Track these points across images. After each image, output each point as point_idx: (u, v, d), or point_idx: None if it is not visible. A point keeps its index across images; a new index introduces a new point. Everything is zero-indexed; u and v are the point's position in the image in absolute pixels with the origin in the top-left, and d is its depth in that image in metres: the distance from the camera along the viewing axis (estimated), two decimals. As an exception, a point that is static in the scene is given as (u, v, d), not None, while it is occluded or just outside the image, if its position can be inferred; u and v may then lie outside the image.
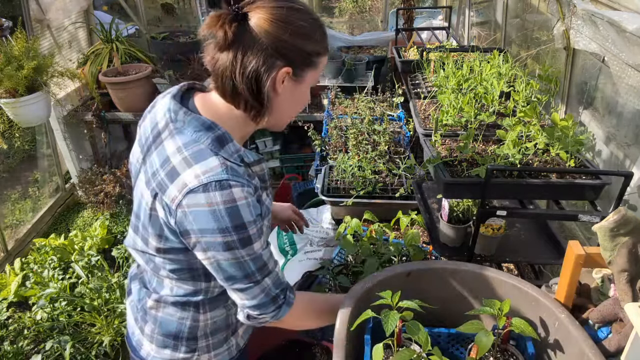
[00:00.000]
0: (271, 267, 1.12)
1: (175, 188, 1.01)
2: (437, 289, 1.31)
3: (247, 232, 1.02)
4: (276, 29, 0.98)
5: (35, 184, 3.97)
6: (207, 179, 0.99)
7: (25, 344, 2.67)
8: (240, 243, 1.03)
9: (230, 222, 1.00)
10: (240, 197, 1.00)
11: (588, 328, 1.15)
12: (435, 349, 1.09)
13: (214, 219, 0.99)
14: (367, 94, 3.00)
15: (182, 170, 1.01)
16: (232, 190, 0.99)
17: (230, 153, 1.05)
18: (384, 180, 2.25)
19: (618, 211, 1.06)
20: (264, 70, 1.00)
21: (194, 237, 1.03)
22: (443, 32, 3.57)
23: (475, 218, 1.50)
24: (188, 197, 0.99)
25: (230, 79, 1.02)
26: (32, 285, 2.98)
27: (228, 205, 0.99)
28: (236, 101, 1.06)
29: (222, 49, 1.00)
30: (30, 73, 2.97)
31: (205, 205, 0.98)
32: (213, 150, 1.03)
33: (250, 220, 1.02)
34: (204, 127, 1.05)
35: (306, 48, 1.03)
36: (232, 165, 1.03)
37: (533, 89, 1.79)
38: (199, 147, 1.03)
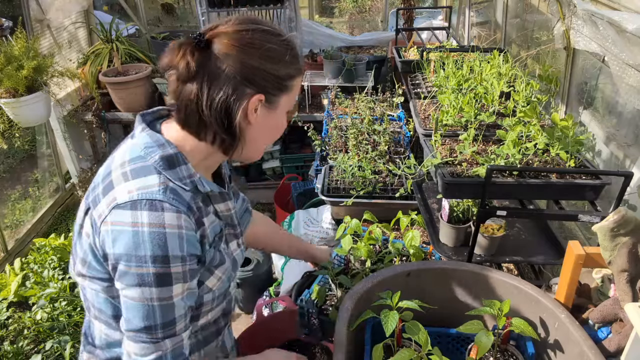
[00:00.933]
0: (179, 329, 0.94)
1: (105, 203, 0.91)
2: (437, 289, 1.31)
3: (167, 268, 0.88)
4: (243, 55, 0.90)
5: (35, 184, 3.97)
6: (138, 195, 0.89)
7: (25, 344, 2.67)
8: (154, 280, 0.88)
9: (151, 250, 0.87)
10: (171, 223, 0.88)
11: (588, 328, 1.15)
12: (435, 349, 1.09)
13: (134, 242, 0.87)
14: (367, 94, 3.00)
15: (117, 184, 0.92)
16: (163, 213, 0.88)
17: (179, 176, 0.95)
18: (384, 180, 2.25)
19: (618, 211, 1.06)
20: (234, 100, 0.92)
21: (111, 262, 0.91)
22: (443, 32, 3.57)
23: (475, 218, 1.50)
24: (113, 213, 0.89)
25: (196, 112, 0.93)
26: (32, 285, 2.97)
27: (154, 228, 0.87)
28: (202, 134, 0.97)
29: (186, 80, 0.92)
30: (30, 73, 2.97)
31: (129, 225, 0.87)
32: (157, 168, 0.93)
33: (177, 255, 0.89)
34: (155, 144, 0.95)
35: (277, 72, 0.94)
36: (174, 188, 0.92)
37: (533, 89, 1.79)
38: (143, 163, 0.93)
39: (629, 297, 1.06)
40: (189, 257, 0.92)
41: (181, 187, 0.94)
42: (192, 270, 0.94)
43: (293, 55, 0.97)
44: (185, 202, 0.93)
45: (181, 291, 0.92)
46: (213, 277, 1.03)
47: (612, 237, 1.07)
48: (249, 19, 0.95)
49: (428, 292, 1.29)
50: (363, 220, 1.81)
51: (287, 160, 4.16)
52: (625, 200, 1.54)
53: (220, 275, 1.04)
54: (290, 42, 0.98)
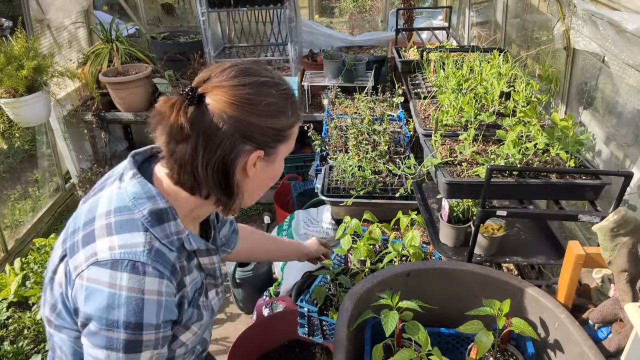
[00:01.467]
0: None
1: (83, 255, 0.86)
2: (437, 289, 1.31)
3: (139, 335, 0.83)
4: (240, 112, 0.85)
5: (35, 184, 3.97)
6: (120, 254, 0.83)
7: (25, 344, 2.67)
8: (123, 346, 0.83)
9: (125, 316, 0.81)
10: (151, 289, 0.83)
11: (588, 328, 1.15)
12: (435, 349, 1.09)
13: (108, 304, 0.81)
14: (367, 94, 3.00)
15: (99, 237, 0.86)
16: (145, 278, 0.83)
17: (167, 233, 0.89)
18: (384, 180, 2.25)
19: (618, 211, 1.06)
20: (232, 159, 0.87)
21: (81, 319, 0.85)
22: (443, 32, 3.57)
23: (475, 218, 1.50)
24: (91, 270, 0.84)
25: (190, 173, 0.88)
26: (32, 285, 2.97)
27: (132, 293, 0.82)
28: (197, 192, 0.91)
29: (179, 140, 0.85)
30: (30, 73, 2.97)
31: (106, 285, 0.82)
32: (145, 224, 0.87)
33: (152, 323, 0.84)
34: (145, 196, 0.89)
35: (278, 126, 0.90)
36: (160, 249, 0.87)
37: (533, 89, 1.79)
38: (130, 216, 0.87)
39: (629, 297, 1.06)
40: (164, 324, 0.87)
41: (167, 247, 0.88)
42: (165, 337, 0.89)
43: (293, 103, 0.93)
44: (170, 264, 0.88)
45: (149, 356, 0.87)
46: (188, 332, 0.99)
47: (612, 237, 1.07)
48: (245, 70, 0.89)
49: (428, 292, 1.29)
50: (363, 220, 1.81)
51: (287, 160, 4.13)
52: (625, 200, 1.54)
53: (196, 330, 1.01)
54: (289, 89, 0.94)
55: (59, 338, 0.96)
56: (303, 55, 4.25)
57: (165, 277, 0.86)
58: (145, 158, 0.98)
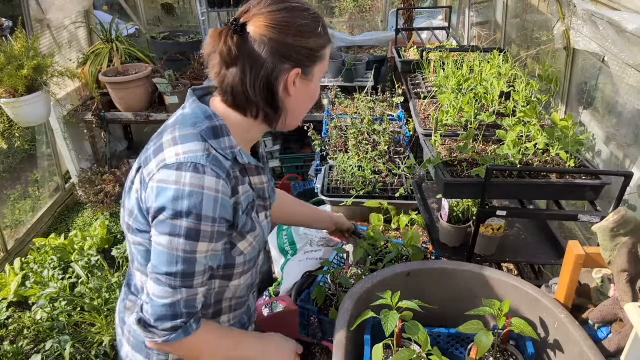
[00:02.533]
0: (196, 283, 1.03)
1: (155, 163, 1.01)
2: (437, 289, 1.31)
3: (198, 224, 0.97)
4: (278, 34, 0.98)
5: (35, 183, 3.97)
6: (184, 158, 0.98)
7: (25, 344, 2.67)
8: (185, 232, 0.97)
9: (187, 207, 0.95)
10: (210, 186, 0.97)
11: (588, 328, 1.15)
12: (435, 349, 1.09)
13: (174, 197, 0.96)
14: (367, 94, 3.00)
15: (167, 147, 1.02)
16: (204, 176, 0.97)
17: (222, 146, 1.04)
18: (384, 180, 2.25)
19: (618, 211, 1.06)
20: (275, 77, 1.01)
21: (152, 214, 1.00)
22: (443, 32, 3.57)
23: (475, 218, 1.50)
24: (161, 172, 0.99)
25: (242, 93, 1.02)
26: (32, 285, 2.98)
27: (194, 189, 0.96)
28: (248, 111, 1.06)
29: (229, 64, 1.00)
30: (30, 73, 2.97)
31: (172, 183, 0.97)
32: (204, 137, 1.02)
33: (209, 215, 0.97)
34: (204, 115, 1.05)
35: (311, 45, 1.02)
36: (217, 156, 1.02)
37: (533, 89, 1.79)
38: (191, 131, 1.03)
39: (629, 297, 1.06)
40: (220, 220, 1.00)
41: (222, 156, 1.03)
42: (220, 233, 1.02)
43: (323, 26, 1.05)
44: (225, 169, 1.02)
45: (206, 249, 1.00)
46: (245, 242, 1.11)
47: (612, 237, 1.07)
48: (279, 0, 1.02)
49: (428, 292, 1.29)
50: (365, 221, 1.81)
51: (287, 160, 4.16)
52: (625, 200, 1.54)
53: (251, 240, 1.13)
54: (318, 15, 1.05)
55: (135, 243, 1.11)
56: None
57: (222, 178, 0.99)
58: (204, 94, 1.14)
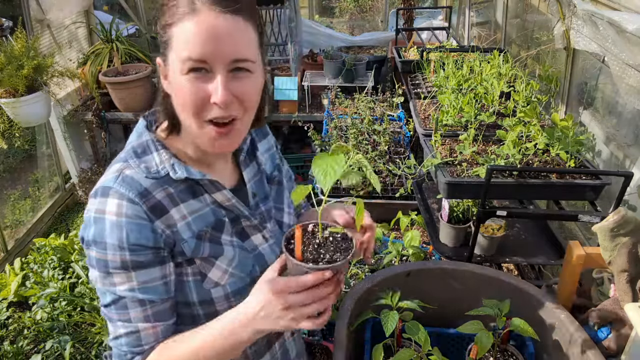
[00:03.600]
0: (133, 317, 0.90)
1: None
2: (437, 289, 1.31)
3: (104, 253, 0.87)
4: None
5: (35, 183, 3.96)
6: (99, 184, 0.91)
7: (25, 344, 2.67)
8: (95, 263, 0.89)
9: (92, 234, 0.87)
10: (110, 210, 0.86)
11: (588, 328, 1.15)
12: (435, 349, 1.09)
13: (83, 226, 0.90)
14: (367, 94, 3.00)
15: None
16: (107, 199, 0.87)
17: (148, 164, 0.92)
18: (384, 181, 2.25)
19: (618, 211, 1.06)
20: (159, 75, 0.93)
21: None
22: (443, 32, 3.57)
23: (475, 218, 1.50)
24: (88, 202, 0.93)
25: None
26: (32, 285, 2.97)
27: (97, 214, 0.87)
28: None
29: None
30: (30, 73, 2.97)
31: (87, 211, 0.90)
32: (125, 157, 0.93)
33: (113, 243, 0.86)
34: (135, 134, 0.98)
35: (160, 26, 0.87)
36: (130, 174, 0.89)
37: (533, 89, 1.79)
38: (121, 155, 0.96)
39: (629, 297, 1.06)
40: (130, 247, 0.87)
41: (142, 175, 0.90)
42: (137, 262, 0.88)
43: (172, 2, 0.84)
44: (141, 187, 0.89)
45: (123, 280, 0.88)
46: (216, 269, 0.95)
47: (612, 238, 1.07)
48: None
49: (428, 292, 1.29)
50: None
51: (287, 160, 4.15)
52: (625, 200, 1.54)
53: (226, 267, 0.95)
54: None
55: None
56: (303, 55, 4.24)
57: (126, 199, 0.87)
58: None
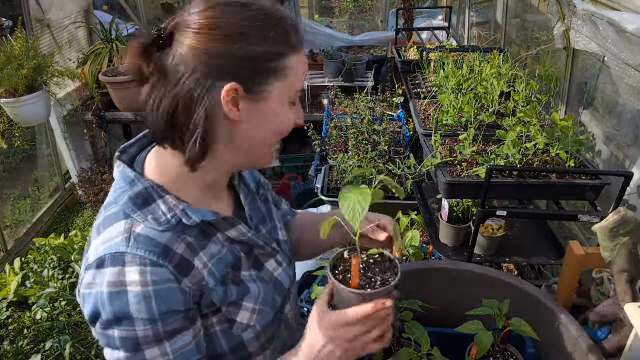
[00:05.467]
0: None
1: (83, 265, 0.80)
2: (437, 289, 1.31)
3: (133, 332, 0.74)
4: (204, 40, 0.72)
5: (35, 183, 3.96)
6: (103, 251, 0.76)
7: (25, 344, 2.67)
8: (120, 344, 0.75)
9: (112, 313, 0.74)
10: (133, 280, 0.73)
11: (588, 328, 1.16)
12: (435, 349, 1.09)
13: (95, 305, 0.75)
14: (367, 94, 3.00)
15: (92, 241, 0.80)
16: (124, 269, 0.74)
17: (157, 215, 0.79)
18: (384, 181, 2.25)
19: (618, 212, 1.06)
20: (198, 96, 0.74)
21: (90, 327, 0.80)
22: (443, 32, 3.57)
23: (475, 218, 1.50)
24: (85, 275, 0.77)
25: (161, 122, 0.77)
26: (32, 285, 2.97)
27: (114, 288, 0.73)
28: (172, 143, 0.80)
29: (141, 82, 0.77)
30: (30, 73, 2.97)
31: (93, 286, 0.75)
32: (127, 212, 0.79)
33: (143, 318, 0.74)
34: (126, 183, 0.82)
35: (254, 54, 0.74)
36: (143, 233, 0.77)
37: (533, 89, 1.79)
38: (115, 209, 0.81)
39: (629, 298, 1.06)
40: (162, 317, 0.75)
41: (156, 229, 0.78)
42: (172, 331, 0.77)
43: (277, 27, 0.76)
44: (161, 246, 0.77)
45: (159, 354, 0.76)
46: (244, 311, 0.85)
47: (612, 238, 1.07)
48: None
49: (428, 292, 1.29)
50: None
51: (287, 160, 4.16)
52: (625, 200, 1.54)
53: (252, 306, 0.86)
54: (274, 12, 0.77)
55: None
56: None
57: (149, 263, 0.75)
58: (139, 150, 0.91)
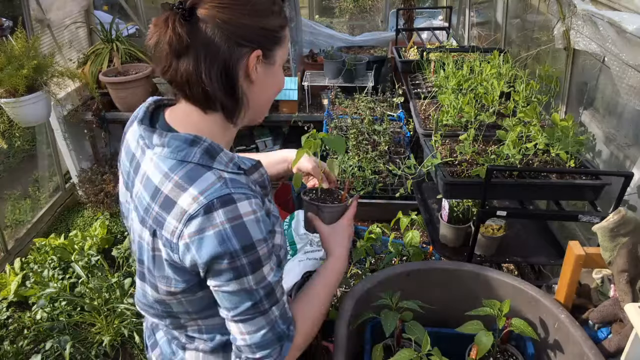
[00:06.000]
0: (279, 295, 0.96)
1: (174, 219, 0.88)
2: (437, 289, 1.31)
3: (256, 253, 0.89)
4: (232, 14, 0.89)
5: (35, 183, 3.96)
6: (206, 198, 0.86)
7: (25, 344, 2.67)
8: (249, 267, 0.89)
9: (238, 244, 0.87)
10: (247, 211, 0.88)
11: (588, 328, 1.16)
12: (435, 349, 1.09)
13: (219, 242, 0.86)
14: (367, 94, 3.00)
15: (176, 197, 0.89)
16: (237, 205, 0.87)
17: (224, 163, 0.93)
18: (384, 181, 2.25)
19: (618, 212, 1.06)
20: (234, 63, 0.91)
21: (201, 268, 0.90)
22: (443, 32, 3.57)
23: (476, 218, 1.50)
24: (190, 225, 0.87)
25: (198, 85, 0.91)
26: (32, 285, 2.98)
27: (234, 222, 0.87)
28: (211, 106, 0.95)
29: (180, 54, 0.89)
30: (30, 73, 2.97)
31: (209, 229, 0.86)
32: (205, 164, 0.91)
33: (260, 238, 0.89)
34: (186, 144, 0.92)
35: (269, 25, 0.94)
36: (231, 177, 0.91)
37: (533, 90, 1.79)
38: (188, 166, 0.91)
39: (629, 298, 1.06)
40: (269, 235, 0.93)
41: (234, 173, 0.93)
42: (274, 246, 0.95)
43: (279, 4, 0.97)
44: (245, 185, 0.92)
45: (270, 267, 0.93)
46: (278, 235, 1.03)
47: (612, 238, 1.07)
48: None
49: (428, 292, 1.29)
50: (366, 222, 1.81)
51: (287, 160, 4.15)
52: (625, 200, 1.54)
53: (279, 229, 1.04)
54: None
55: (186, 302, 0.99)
56: (303, 55, 4.24)
57: (251, 197, 0.90)
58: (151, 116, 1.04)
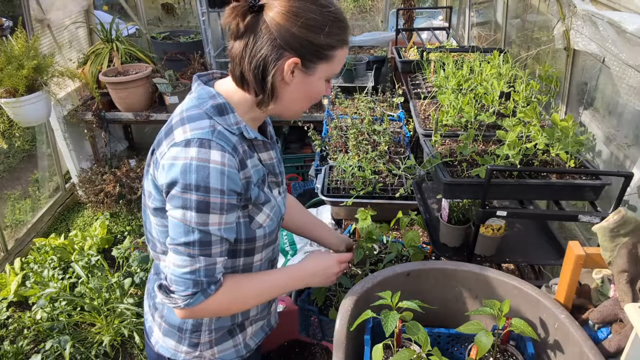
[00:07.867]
0: (214, 252, 1.08)
1: (165, 143, 1.08)
2: (437, 289, 1.31)
3: (207, 197, 1.02)
4: (286, 22, 1.02)
5: (35, 183, 3.97)
6: (191, 135, 1.04)
7: (25, 344, 2.67)
8: (195, 205, 1.03)
9: (195, 180, 1.01)
10: (216, 160, 1.02)
11: (588, 328, 1.16)
12: (435, 349, 1.09)
13: (182, 171, 1.01)
14: (367, 94, 3.00)
15: (176, 128, 1.08)
16: (210, 150, 1.02)
17: (228, 123, 1.09)
18: (384, 181, 2.25)
19: (618, 212, 1.06)
20: (271, 60, 1.04)
21: (164, 189, 1.06)
22: (443, 32, 3.57)
23: (475, 218, 1.50)
24: (170, 150, 1.05)
25: (239, 65, 1.08)
26: (32, 285, 2.98)
27: (200, 162, 1.01)
28: (244, 86, 1.11)
29: (235, 37, 1.07)
30: (30, 73, 2.97)
31: (181, 159, 1.02)
32: (209, 114, 1.08)
33: (217, 188, 1.02)
34: (208, 96, 1.11)
35: (316, 41, 1.04)
36: (221, 131, 1.07)
37: (533, 90, 1.79)
38: (197, 110, 1.09)
39: (629, 298, 1.06)
40: (228, 192, 1.05)
41: (228, 131, 1.08)
42: (230, 205, 1.06)
43: (338, 27, 1.07)
44: (231, 143, 1.07)
45: (217, 221, 1.06)
46: (262, 214, 1.18)
47: (612, 238, 1.07)
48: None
49: (428, 292, 1.29)
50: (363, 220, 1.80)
51: (287, 160, 4.16)
52: (625, 200, 1.54)
53: (268, 212, 1.18)
54: (338, 14, 1.07)
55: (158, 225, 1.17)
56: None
57: (227, 151, 1.04)
58: (208, 79, 1.21)
